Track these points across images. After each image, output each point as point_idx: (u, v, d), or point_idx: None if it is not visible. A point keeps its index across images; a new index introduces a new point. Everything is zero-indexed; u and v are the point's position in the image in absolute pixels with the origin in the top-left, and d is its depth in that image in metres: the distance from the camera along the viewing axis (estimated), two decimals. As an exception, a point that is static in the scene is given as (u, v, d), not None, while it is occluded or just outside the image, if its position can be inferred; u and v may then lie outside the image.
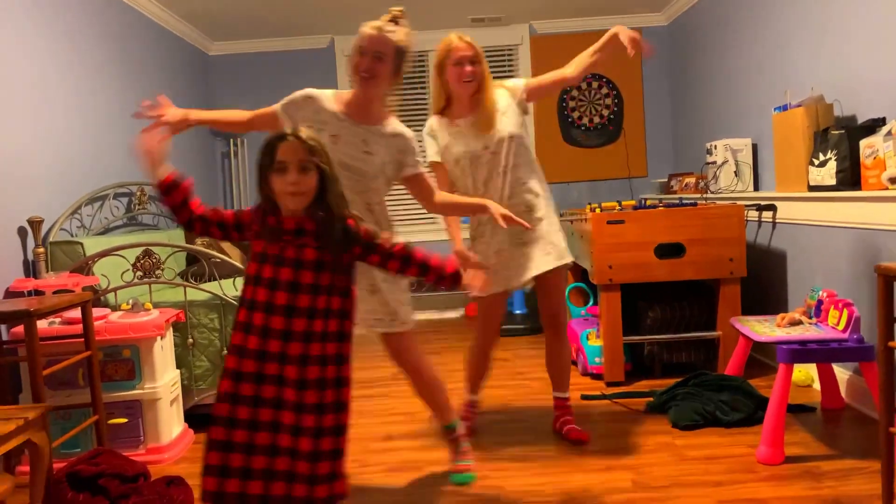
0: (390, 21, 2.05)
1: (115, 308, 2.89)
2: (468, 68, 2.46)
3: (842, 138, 2.79)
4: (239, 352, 1.64)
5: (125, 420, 2.65)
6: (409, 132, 2.18)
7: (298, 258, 1.65)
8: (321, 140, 1.69)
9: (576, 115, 5.49)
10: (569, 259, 2.62)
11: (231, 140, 5.46)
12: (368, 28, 2.02)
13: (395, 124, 2.16)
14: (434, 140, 2.61)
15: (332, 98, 2.14)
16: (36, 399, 2.16)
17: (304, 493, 1.60)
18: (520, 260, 2.57)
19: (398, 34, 2.04)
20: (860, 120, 2.88)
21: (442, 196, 2.28)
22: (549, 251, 2.56)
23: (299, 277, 1.65)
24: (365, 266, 1.83)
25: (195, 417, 2.99)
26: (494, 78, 2.59)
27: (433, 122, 2.63)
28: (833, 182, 2.85)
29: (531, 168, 2.61)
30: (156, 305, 2.90)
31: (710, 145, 4.04)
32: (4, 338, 2.59)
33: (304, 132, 1.66)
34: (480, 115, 2.51)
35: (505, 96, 2.58)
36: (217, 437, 1.62)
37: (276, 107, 2.17)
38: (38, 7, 3.13)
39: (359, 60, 2.02)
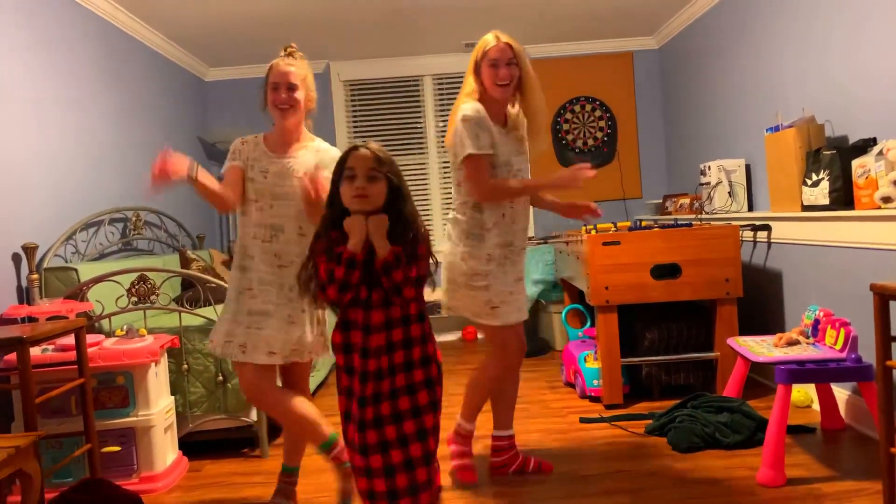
0: (288, 56, 2.25)
1: (110, 334, 2.87)
2: (503, 70, 2.31)
3: (834, 158, 2.82)
4: None
5: (118, 448, 2.62)
6: (333, 149, 2.30)
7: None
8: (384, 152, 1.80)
9: (570, 137, 5.53)
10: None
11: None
12: (277, 66, 2.22)
13: (319, 143, 2.32)
14: (483, 131, 2.32)
15: (259, 139, 2.31)
16: (28, 427, 2.12)
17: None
18: (520, 295, 2.52)
19: (300, 66, 2.24)
20: (851, 140, 2.91)
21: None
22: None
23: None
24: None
25: (190, 445, 2.95)
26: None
27: (481, 109, 2.33)
28: (826, 202, 2.87)
29: None
30: (151, 331, 2.89)
31: (704, 166, 4.07)
32: (-3, 365, 2.57)
33: (373, 144, 1.77)
34: (530, 122, 2.43)
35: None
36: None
37: (227, 164, 2.27)
38: (34, 32, 3.15)
39: (274, 95, 2.21)
